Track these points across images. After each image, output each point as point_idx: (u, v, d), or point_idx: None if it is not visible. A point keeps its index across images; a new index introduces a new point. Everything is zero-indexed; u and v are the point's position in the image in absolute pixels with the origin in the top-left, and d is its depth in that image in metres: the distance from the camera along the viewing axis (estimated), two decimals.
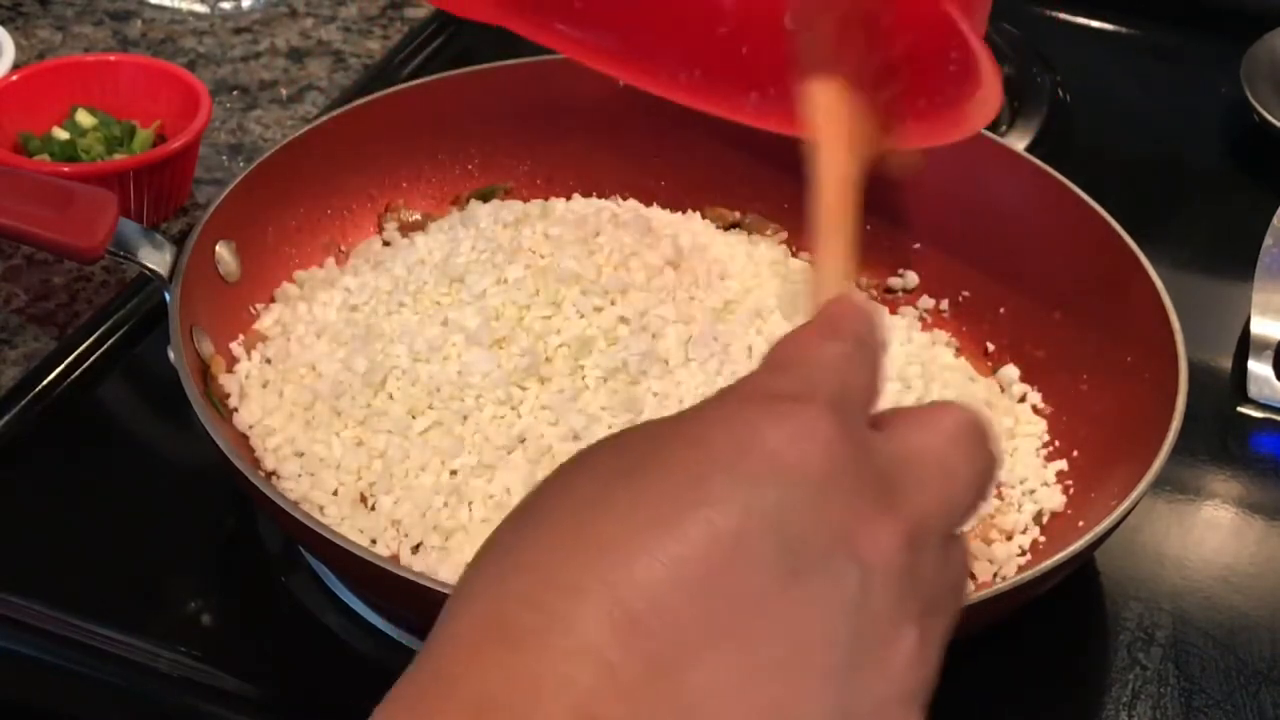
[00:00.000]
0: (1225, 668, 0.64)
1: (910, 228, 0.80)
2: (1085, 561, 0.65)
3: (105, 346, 0.75)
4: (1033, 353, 0.74)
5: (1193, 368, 0.65)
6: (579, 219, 0.74)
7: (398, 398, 0.66)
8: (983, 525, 0.66)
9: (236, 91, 0.95)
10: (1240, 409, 0.77)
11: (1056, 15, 1.08)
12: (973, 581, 0.64)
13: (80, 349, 0.74)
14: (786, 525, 0.33)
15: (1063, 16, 1.08)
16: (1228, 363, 0.79)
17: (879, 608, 0.34)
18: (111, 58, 0.91)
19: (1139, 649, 0.64)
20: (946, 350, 0.75)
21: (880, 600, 0.34)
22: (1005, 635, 0.61)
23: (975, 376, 0.74)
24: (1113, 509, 0.59)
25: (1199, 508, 0.72)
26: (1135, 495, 0.59)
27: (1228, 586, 0.68)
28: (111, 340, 0.75)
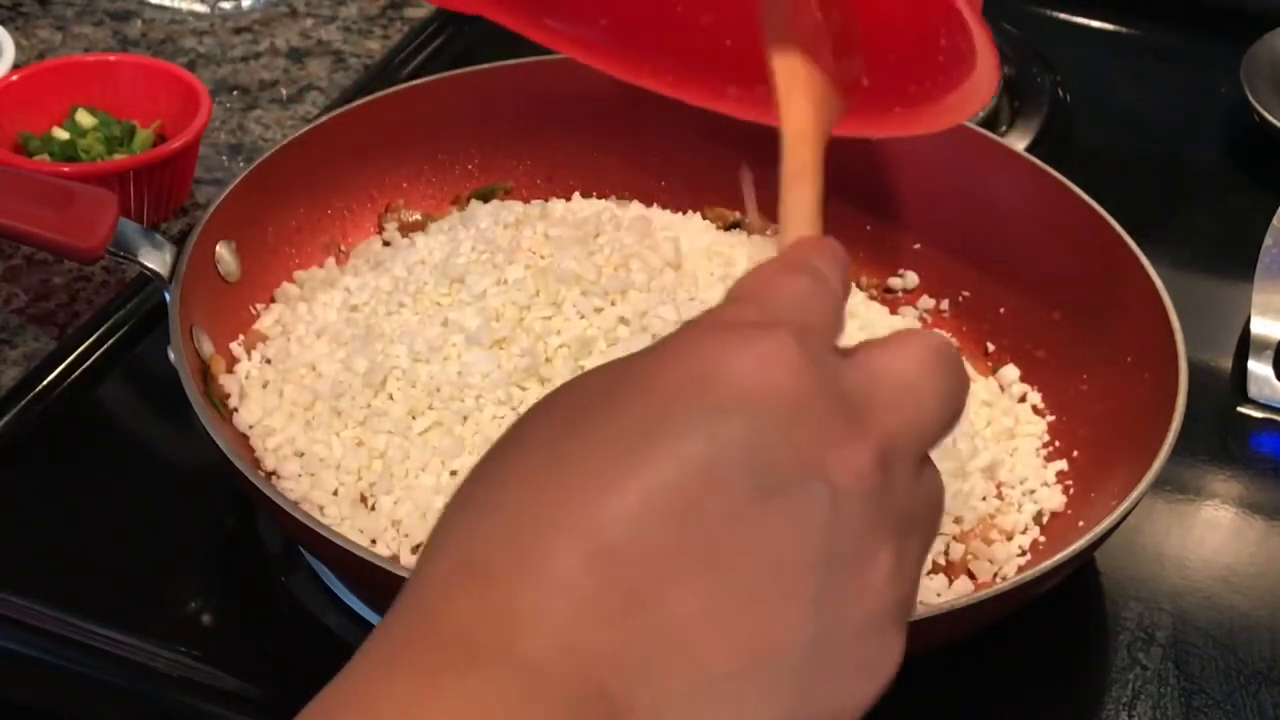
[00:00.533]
0: (1225, 668, 0.64)
1: (910, 228, 0.80)
2: (1085, 561, 0.65)
3: (105, 346, 0.75)
4: (1033, 353, 0.74)
5: (1193, 368, 0.65)
6: (579, 220, 0.74)
7: (398, 398, 0.66)
8: (983, 525, 0.66)
9: (236, 91, 0.95)
10: (1240, 409, 0.77)
11: (1056, 15, 1.08)
12: (972, 581, 0.64)
13: (80, 349, 0.74)
14: (756, 450, 0.33)
15: (1063, 16, 1.08)
16: (1228, 363, 0.79)
17: (852, 527, 0.34)
18: (111, 58, 0.91)
19: (1139, 649, 0.64)
20: None
21: (853, 520, 0.34)
22: (1005, 635, 0.61)
23: (975, 376, 0.74)
24: (1113, 509, 0.59)
25: (1199, 508, 0.72)
26: (1135, 495, 0.59)
27: (1228, 586, 0.68)
28: (111, 340, 0.75)
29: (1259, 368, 0.78)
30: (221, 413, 0.66)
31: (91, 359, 0.74)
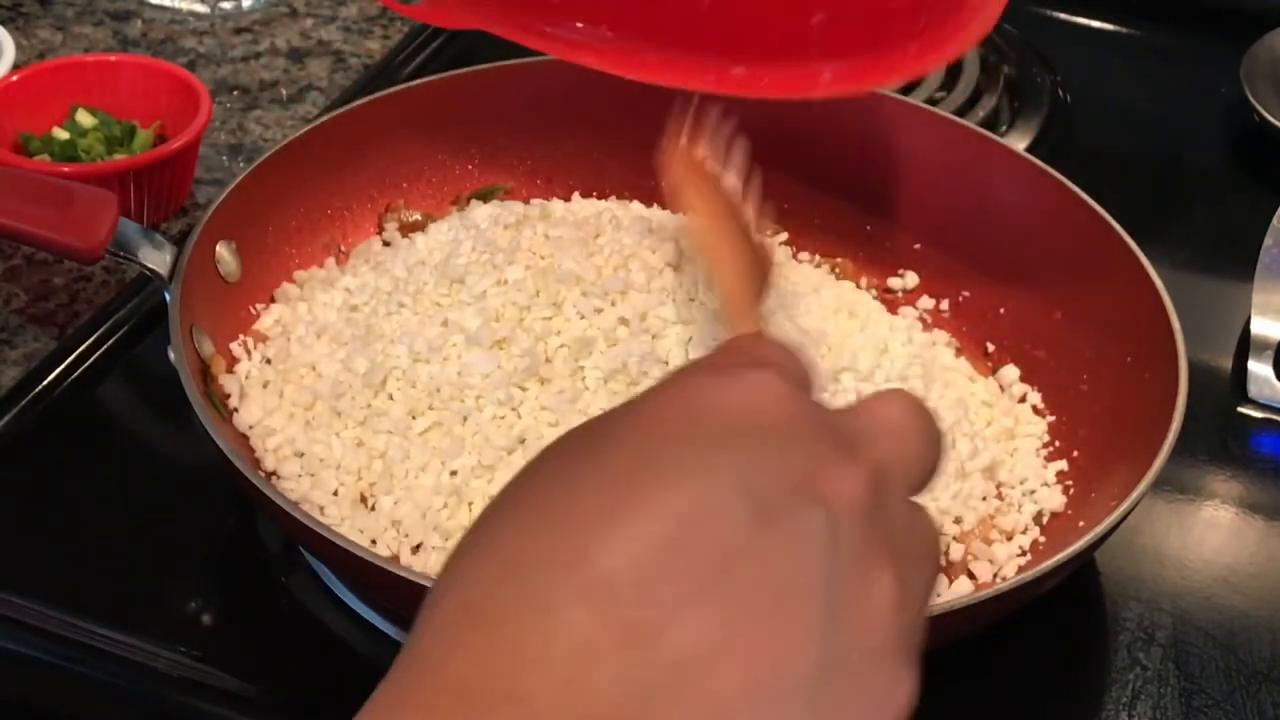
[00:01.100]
0: (1225, 668, 0.64)
1: (910, 228, 0.80)
2: (1085, 561, 0.65)
3: (105, 347, 0.75)
4: (1033, 353, 0.74)
5: (1193, 368, 0.65)
6: (579, 220, 0.74)
7: (398, 398, 0.66)
8: (983, 525, 0.66)
9: (236, 91, 0.95)
10: (1240, 409, 0.77)
11: (1056, 15, 1.08)
12: (972, 581, 0.64)
13: (80, 349, 0.74)
14: (749, 477, 0.33)
15: (1063, 16, 1.08)
16: (1228, 363, 0.79)
17: (851, 549, 0.34)
18: (111, 58, 0.91)
19: (1139, 649, 0.64)
20: (947, 350, 0.75)
21: (852, 542, 0.34)
22: (1005, 635, 0.61)
23: (975, 376, 0.74)
24: (1113, 509, 0.59)
25: (1199, 508, 0.72)
26: (1135, 495, 0.59)
27: (1228, 586, 0.68)
28: (111, 340, 0.75)
29: (1259, 368, 0.78)
30: (221, 413, 0.66)
31: (91, 359, 0.74)
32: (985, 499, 0.67)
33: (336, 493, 0.64)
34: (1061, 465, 0.69)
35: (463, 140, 0.81)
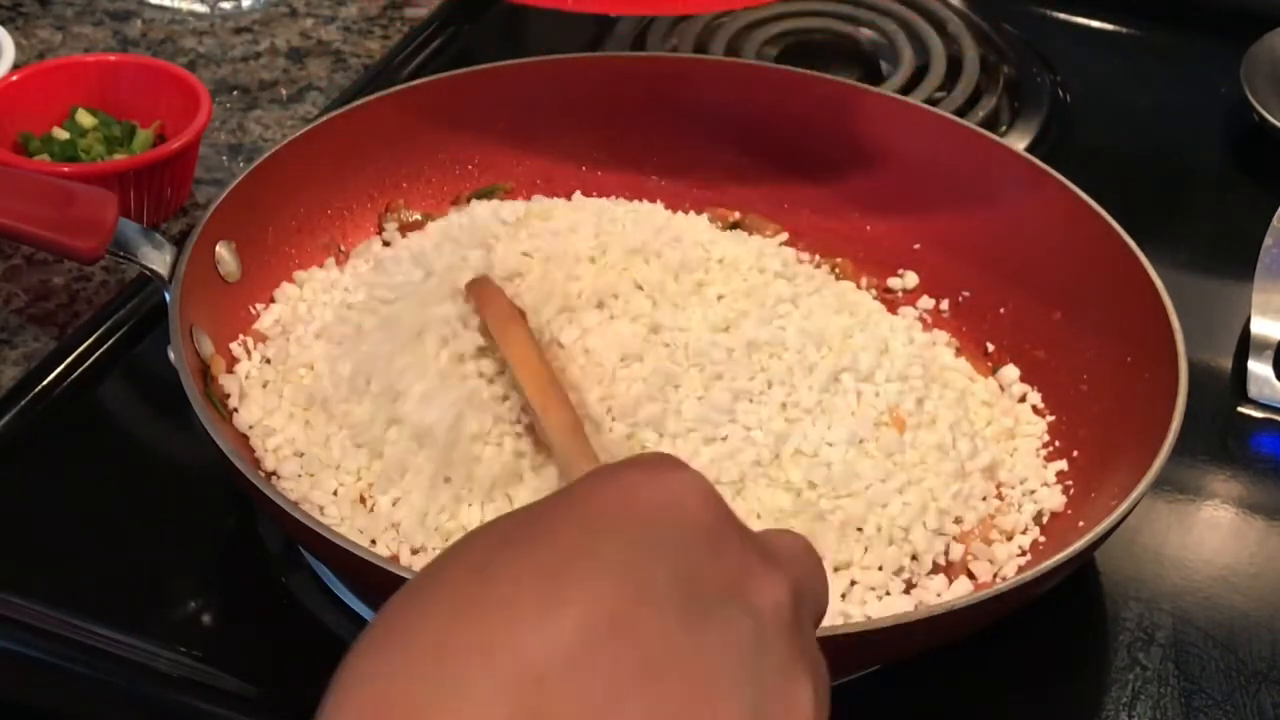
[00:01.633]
0: (1225, 668, 0.64)
1: (910, 228, 0.80)
2: (1085, 562, 0.65)
3: (105, 346, 0.75)
4: (1032, 353, 0.74)
5: (1193, 368, 0.65)
6: (577, 220, 0.74)
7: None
8: (983, 525, 0.66)
9: (236, 91, 0.95)
10: (1240, 409, 0.77)
11: (1056, 15, 1.08)
12: (972, 581, 0.64)
13: (80, 349, 0.74)
14: (681, 574, 0.33)
15: (1063, 16, 1.08)
16: (1228, 363, 0.79)
17: (776, 653, 0.34)
18: (111, 58, 0.91)
19: (1139, 649, 0.64)
20: (946, 350, 0.75)
21: (775, 648, 0.34)
22: (1005, 635, 0.61)
23: (975, 376, 0.74)
24: (1113, 509, 0.59)
25: (1199, 508, 0.72)
26: (1135, 495, 0.59)
27: (1228, 586, 0.68)
28: (111, 340, 0.75)
29: (1259, 368, 0.78)
30: (221, 413, 0.66)
31: (91, 359, 0.74)
32: (985, 499, 0.67)
33: (336, 493, 0.64)
34: (1061, 465, 0.69)
35: (463, 140, 0.81)
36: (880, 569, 0.63)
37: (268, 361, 0.70)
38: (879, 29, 1.00)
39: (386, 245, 0.78)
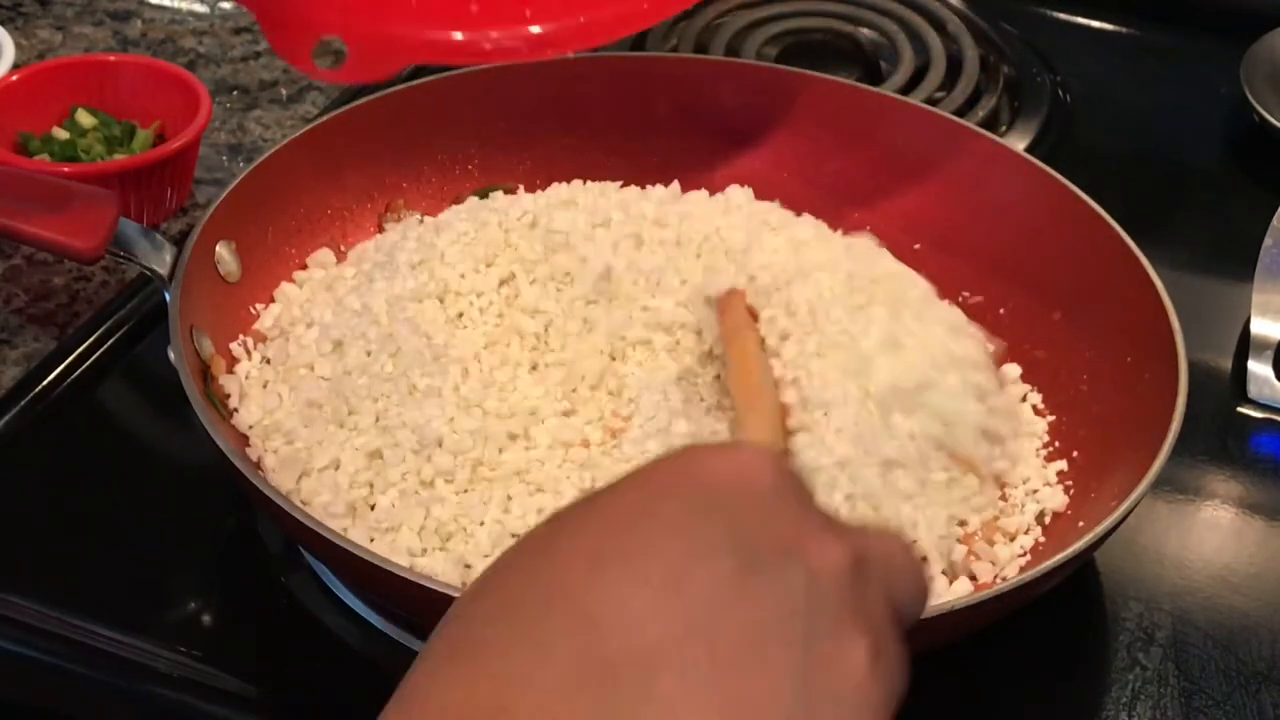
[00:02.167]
0: (1225, 668, 0.64)
1: (910, 228, 0.80)
2: (1085, 562, 0.65)
3: (105, 347, 0.75)
4: (1032, 353, 0.74)
5: (1193, 368, 0.65)
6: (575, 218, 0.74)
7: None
8: (985, 527, 0.66)
9: (236, 91, 0.95)
10: (1240, 409, 0.77)
11: (1056, 15, 1.08)
12: (973, 582, 0.64)
13: (80, 349, 0.74)
14: (736, 533, 0.35)
15: (1063, 16, 1.08)
16: (1228, 363, 0.79)
17: (829, 611, 0.35)
18: (111, 58, 0.91)
19: (1139, 649, 0.64)
20: None
21: (829, 603, 0.35)
22: (1005, 635, 0.61)
23: None
24: (1113, 509, 0.59)
25: (1199, 508, 0.72)
26: (1135, 495, 0.59)
27: (1228, 586, 0.68)
28: (111, 340, 0.75)
29: (1259, 368, 0.78)
30: (221, 413, 0.66)
31: (91, 359, 0.74)
32: (990, 503, 0.67)
33: (336, 493, 0.64)
34: (1061, 465, 0.69)
35: (463, 140, 0.81)
36: None
37: (268, 361, 0.70)
38: (879, 29, 1.00)
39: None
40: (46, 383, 0.73)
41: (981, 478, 0.66)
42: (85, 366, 0.74)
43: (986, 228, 0.78)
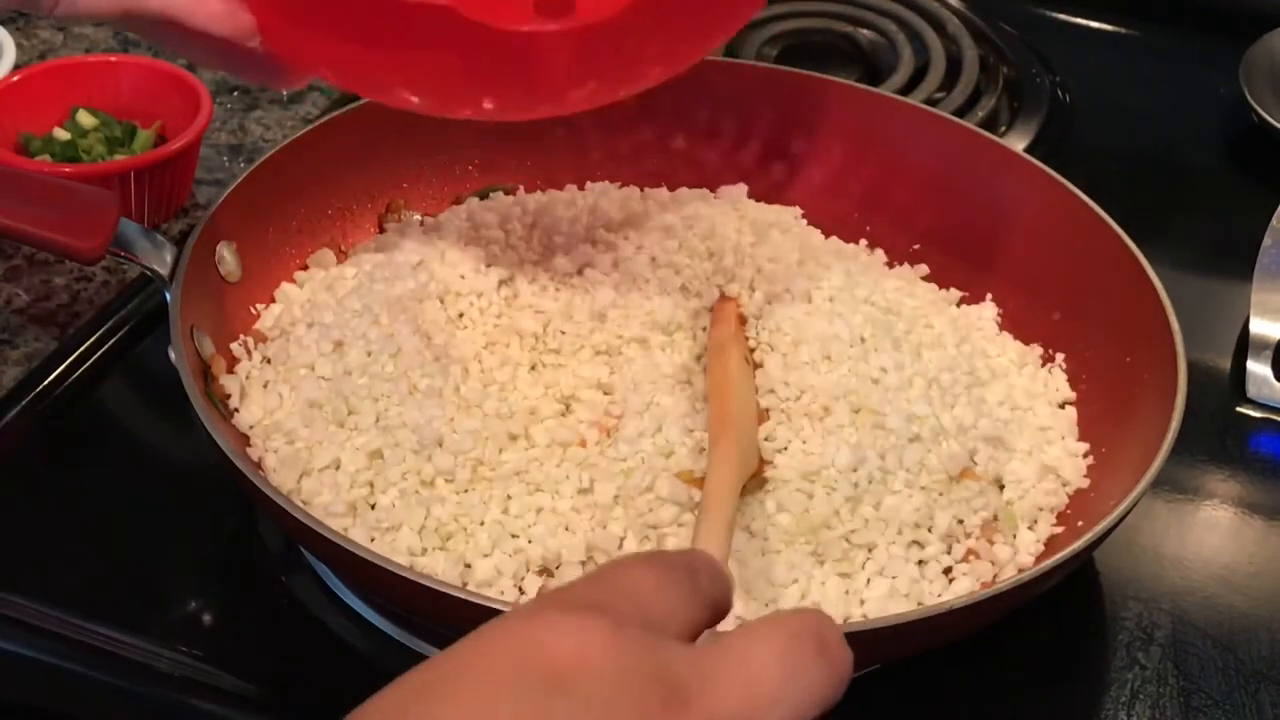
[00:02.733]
0: (1225, 667, 0.64)
1: (910, 228, 0.80)
2: (1084, 561, 0.65)
3: (106, 347, 0.75)
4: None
5: (1192, 368, 0.65)
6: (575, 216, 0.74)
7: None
8: (984, 526, 0.66)
9: (236, 92, 0.95)
10: (1240, 409, 0.77)
11: (1056, 15, 1.08)
12: (973, 582, 0.64)
13: (81, 349, 0.74)
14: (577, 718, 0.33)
15: (1063, 17, 1.08)
16: (1227, 363, 0.79)
17: None
18: (112, 58, 0.91)
19: (1138, 649, 0.64)
20: None
21: None
22: (1005, 635, 0.61)
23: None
24: (1112, 509, 0.59)
25: (1198, 508, 0.72)
26: (1135, 495, 0.59)
27: (1227, 586, 0.68)
28: (112, 340, 0.75)
29: (1258, 368, 0.78)
30: (222, 413, 0.66)
31: (92, 359, 0.74)
32: (989, 504, 0.67)
33: (336, 493, 0.64)
34: (1061, 465, 0.69)
35: (463, 140, 0.81)
36: (881, 573, 0.62)
37: (268, 361, 0.70)
38: (879, 29, 1.00)
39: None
40: (47, 383, 0.73)
41: (981, 478, 0.66)
42: (86, 367, 0.74)
43: (986, 228, 0.78)
